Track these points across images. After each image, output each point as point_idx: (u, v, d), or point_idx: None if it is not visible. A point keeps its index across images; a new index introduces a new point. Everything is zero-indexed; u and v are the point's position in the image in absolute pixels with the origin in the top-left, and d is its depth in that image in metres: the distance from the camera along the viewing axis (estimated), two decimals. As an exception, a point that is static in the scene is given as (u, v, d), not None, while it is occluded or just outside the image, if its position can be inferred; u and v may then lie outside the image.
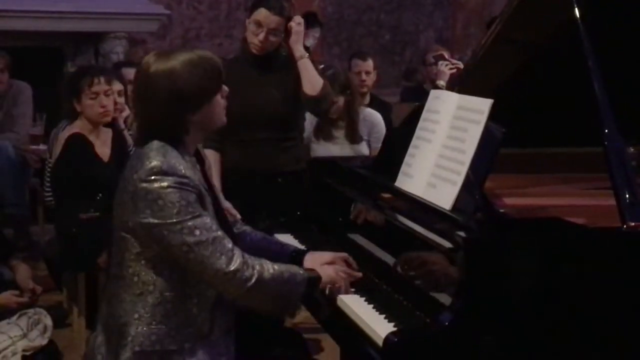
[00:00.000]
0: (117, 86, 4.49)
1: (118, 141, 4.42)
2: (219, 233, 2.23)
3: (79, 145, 4.22)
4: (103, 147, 4.34)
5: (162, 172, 2.19)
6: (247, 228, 2.66)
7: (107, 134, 4.39)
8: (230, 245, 2.24)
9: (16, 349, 3.76)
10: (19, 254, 4.53)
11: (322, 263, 2.45)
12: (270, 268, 2.26)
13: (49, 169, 4.62)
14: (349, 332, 2.32)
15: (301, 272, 2.35)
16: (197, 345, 2.27)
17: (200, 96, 2.27)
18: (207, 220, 2.23)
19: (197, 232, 2.19)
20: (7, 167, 5.67)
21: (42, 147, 5.42)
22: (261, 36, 3.66)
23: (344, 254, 2.52)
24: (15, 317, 3.94)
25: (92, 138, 4.29)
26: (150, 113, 2.29)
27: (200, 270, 2.21)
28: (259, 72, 3.74)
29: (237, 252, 2.24)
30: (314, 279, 2.36)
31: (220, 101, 2.34)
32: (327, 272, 2.41)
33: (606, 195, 2.42)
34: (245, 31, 3.82)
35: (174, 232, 2.18)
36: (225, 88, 2.35)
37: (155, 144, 2.26)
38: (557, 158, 2.98)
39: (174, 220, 2.18)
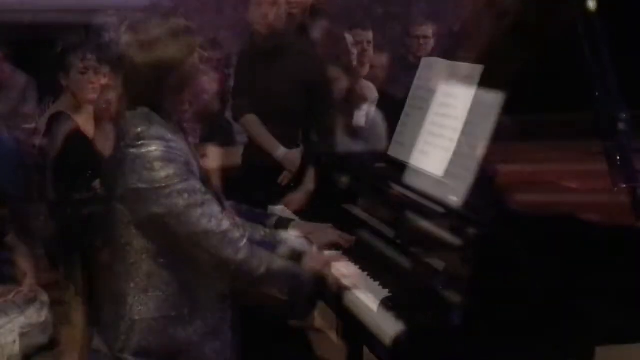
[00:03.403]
0: (105, 68, 4.45)
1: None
2: (208, 196, 2.24)
3: (62, 123, 4.20)
4: (87, 124, 4.32)
5: (149, 137, 2.20)
6: (232, 202, 2.66)
7: (91, 110, 4.37)
8: (219, 208, 2.25)
9: (13, 326, 3.78)
10: (16, 233, 4.55)
11: (307, 233, 2.48)
12: (261, 230, 2.35)
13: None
14: (343, 299, 2.33)
15: (292, 238, 2.40)
16: (195, 312, 2.28)
17: (166, 61, 2.26)
18: (196, 184, 2.23)
19: (186, 196, 2.20)
20: (1, 148, 5.65)
21: (34, 126, 5.39)
22: None
23: (328, 225, 2.54)
24: (11, 295, 3.96)
25: (76, 116, 4.27)
26: (125, 82, 2.31)
27: (190, 234, 2.22)
28: (266, 65, 3.71)
29: (226, 216, 2.26)
30: (302, 245, 2.40)
31: (194, 65, 2.32)
32: (317, 236, 2.45)
33: (597, 160, 2.43)
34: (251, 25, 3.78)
35: (163, 196, 2.18)
36: (203, 53, 2.36)
37: (140, 111, 2.27)
38: (548, 124, 2.98)
39: (163, 185, 2.19)
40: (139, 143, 2.20)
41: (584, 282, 2.16)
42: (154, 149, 2.19)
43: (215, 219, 2.22)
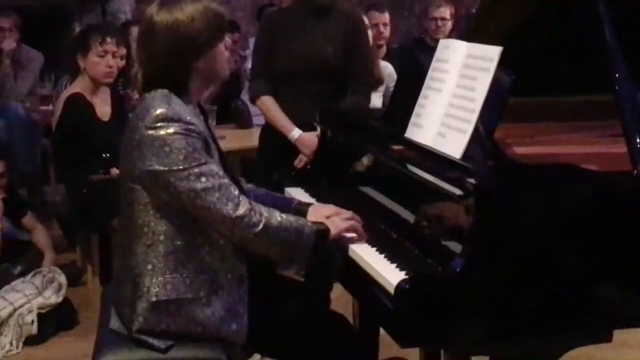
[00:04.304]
0: (122, 51, 4.48)
1: (117, 100, 4.43)
2: (225, 180, 2.24)
3: (79, 106, 4.22)
4: (103, 106, 4.34)
5: (168, 119, 2.21)
6: (251, 186, 2.66)
7: (106, 92, 4.39)
8: (236, 192, 2.25)
9: (32, 306, 3.82)
10: (33, 213, 4.59)
11: (325, 215, 2.46)
12: (278, 216, 2.28)
13: None
14: (361, 281, 2.32)
15: (309, 224, 2.36)
16: (212, 294, 2.29)
17: (200, 44, 2.28)
18: (214, 167, 2.24)
19: (204, 179, 2.20)
20: (18, 128, 5.69)
21: (51, 107, 5.42)
22: None
23: (349, 212, 2.51)
24: (29, 276, 4.01)
25: (92, 98, 4.28)
26: (151, 61, 2.31)
27: (207, 217, 2.23)
28: (310, 23, 3.69)
29: (244, 199, 2.26)
30: (322, 231, 2.37)
31: (222, 51, 2.35)
32: (334, 224, 2.42)
33: (617, 142, 2.42)
34: None
35: (181, 179, 2.19)
36: (227, 40, 2.36)
37: (160, 92, 2.27)
38: (567, 106, 2.97)
39: (181, 167, 2.19)
40: (158, 125, 2.20)
41: (602, 265, 2.15)
42: (172, 130, 2.19)
43: (232, 202, 2.22)
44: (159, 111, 2.21)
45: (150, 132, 2.20)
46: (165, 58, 2.27)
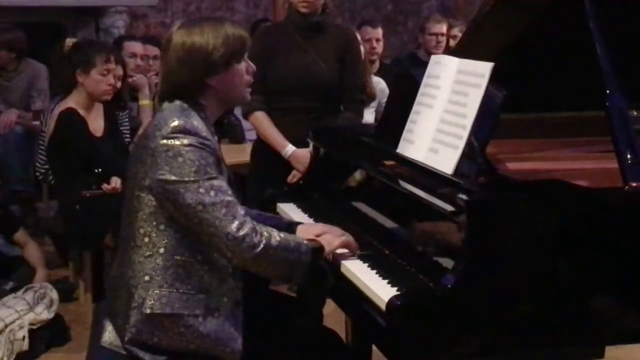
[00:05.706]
0: (119, 71, 4.50)
1: (110, 115, 4.44)
2: (233, 198, 2.25)
3: (72, 121, 4.22)
4: (96, 122, 4.34)
5: (185, 131, 2.22)
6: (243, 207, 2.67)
7: (99, 108, 4.40)
8: (242, 211, 2.26)
9: (23, 322, 3.81)
10: (26, 230, 4.58)
11: (314, 234, 2.46)
12: (277, 236, 2.28)
13: (41, 141, 4.67)
14: (353, 297, 2.32)
15: (305, 242, 2.36)
16: (208, 314, 2.28)
17: (214, 61, 2.30)
18: (223, 183, 2.25)
19: (213, 193, 2.21)
20: (13, 144, 5.69)
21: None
22: None
23: (338, 229, 2.52)
24: (21, 292, 4.00)
25: (85, 113, 4.29)
26: (167, 73, 2.34)
27: (211, 232, 2.22)
28: (304, 39, 3.70)
29: (248, 219, 2.26)
30: (317, 249, 2.37)
31: (241, 73, 2.37)
32: (328, 241, 2.42)
33: (609, 158, 2.42)
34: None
35: (191, 191, 2.20)
36: (252, 65, 2.39)
37: (179, 104, 2.30)
38: (559, 122, 2.97)
39: (192, 179, 2.20)
40: (174, 135, 2.22)
41: (594, 281, 2.15)
42: (187, 142, 2.22)
43: (238, 221, 2.22)
44: (176, 122, 2.23)
45: (165, 141, 2.22)
46: (178, 70, 2.30)
